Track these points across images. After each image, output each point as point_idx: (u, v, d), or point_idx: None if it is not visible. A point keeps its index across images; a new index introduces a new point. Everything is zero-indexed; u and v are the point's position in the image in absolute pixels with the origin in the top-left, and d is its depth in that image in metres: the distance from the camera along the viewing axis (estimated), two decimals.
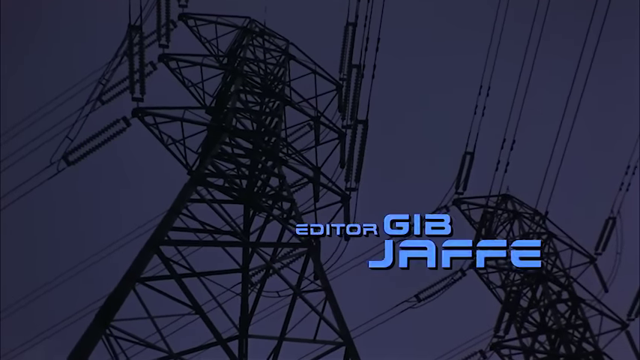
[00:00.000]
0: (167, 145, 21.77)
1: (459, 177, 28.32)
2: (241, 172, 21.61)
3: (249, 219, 21.30)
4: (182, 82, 24.03)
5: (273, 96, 24.57)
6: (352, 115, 24.47)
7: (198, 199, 18.94)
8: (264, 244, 20.01)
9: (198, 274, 17.78)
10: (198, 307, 16.58)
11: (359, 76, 23.80)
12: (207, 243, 18.31)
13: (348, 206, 23.26)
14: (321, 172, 23.73)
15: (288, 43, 27.06)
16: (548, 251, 30.71)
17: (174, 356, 16.02)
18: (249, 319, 19.43)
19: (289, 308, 18.28)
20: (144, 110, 21.20)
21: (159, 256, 16.44)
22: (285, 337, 17.91)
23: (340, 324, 17.07)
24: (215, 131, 21.89)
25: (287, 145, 24.01)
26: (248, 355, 18.76)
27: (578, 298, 28.87)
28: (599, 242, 30.37)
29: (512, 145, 25.87)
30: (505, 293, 29.78)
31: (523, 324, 28.93)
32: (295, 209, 20.63)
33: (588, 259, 30.67)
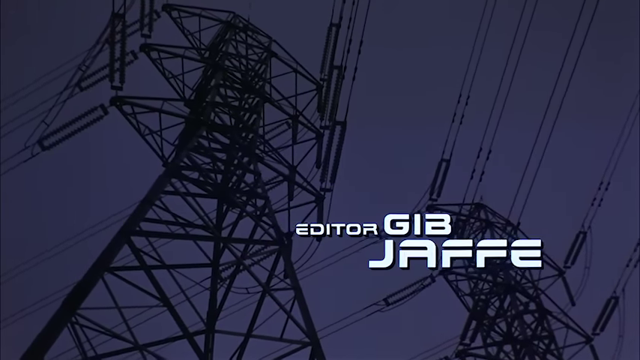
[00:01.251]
0: (144, 136, 21.66)
1: (433, 183, 28.43)
2: (217, 166, 21.56)
3: (222, 214, 21.26)
4: (162, 73, 23.92)
5: (252, 92, 24.52)
6: (331, 115, 24.48)
7: (172, 192, 18.87)
8: (235, 239, 20.00)
9: (168, 266, 17.71)
10: (166, 299, 16.53)
11: (339, 77, 23.81)
12: (179, 236, 18.26)
13: (321, 207, 23.27)
14: (296, 171, 23.73)
15: (271, 41, 27.02)
16: None
17: (140, 348, 15.95)
18: (217, 314, 19.39)
19: (257, 305, 18.28)
20: (122, 99, 21.08)
21: (129, 246, 16.36)
22: (252, 334, 17.91)
23: (308, 324, 17.08)
24: (193, 124, 21.82)
25: (264, 143, 23.98)
26: (214, 350, 18.72)
27: (545, 310, 29.06)
28: (568, 256, 30.57)
29: (489, 155, 26.01)
30: (473, 301, 29.93)
31: (489, 333, 29.09)
32: (269, 207, 20.61)
33: (557, 271, 30.88)
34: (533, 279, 30.42)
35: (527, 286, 30.06)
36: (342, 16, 23.94)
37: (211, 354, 18.50)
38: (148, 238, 17.51)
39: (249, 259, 21.48)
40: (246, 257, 20.17)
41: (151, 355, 16.14)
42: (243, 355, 17.83)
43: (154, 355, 16.28)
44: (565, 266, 30.81)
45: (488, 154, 25.99)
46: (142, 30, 23.61)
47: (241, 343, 17.90)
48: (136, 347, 15.96)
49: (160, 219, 18.04)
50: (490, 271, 30.28)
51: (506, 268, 30.08)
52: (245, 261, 19.35)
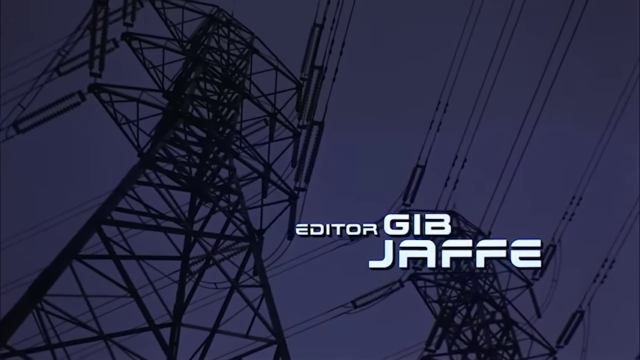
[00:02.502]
0: (120, 125, 21.53)
1: (407, 189, 28.50)
2: (192, 159, 21.49)
3: (194, 208, 21.19)
4: (142, 63, 23.79)
5: (232, 87, 24.46)
6: (309, 115, 24.48)
7: (146, 182, 18.79)
8: (207, 234, 19.94)
9: (138, 257, 17.62)
10: (133, 290, 16.47)
11: (320, 77, 23.81)
12: (150, 227, 18.18)
13: (294, 206, 23.25)
14: (271, 169, 23.71)
15: (253, 37, 26.97)
16: (487, 271, 31.03)
17: (105, 337, 15.88)
18: (184, 307, 19.32)
19: (225, 301, 18.24)
20: (100, 86, 20.94)
21: (99, 235, 16.28)
22: (218, 330, 17.88)
23: (274, 322, 17.10)
24: (170, 116, 21.72)
25: (241, 138, 23.94)
26: (179, 344, 18.65)
27: (511, 321, 29.22)
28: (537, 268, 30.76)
29: (464, 164, 26.11)
30: (441, 308, 30.04)
31: (455, 340, 29.20)
32: (242, 203, 20.58)
33: (525, 283, 31.06)
34: (501, 289, 30.57)
35: (495, 296, 30.21)
36: (325, 17, 23.96)
37: (176, 347, 18.42)
38: (119, 228, 17.43)
39: (220, 255, 21.46)
40: (217, 252, 20.12)
41: (115, 346, 16.08)
42: (209, 351, 17.80)
43: (119, 346, 16.22)
44: (533, 278, 30.99)
45: (464, 162, 26.09)
46: (125, 18, 23.49)
47: (207, 338, 17.86)
48: (100, 337, 15.90)
49: (132, 209, 17.95)
50: (459, 279, 30.41)
51: (474, 276, 30.23)
52: (215, 256, 19.31)
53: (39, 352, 15.16)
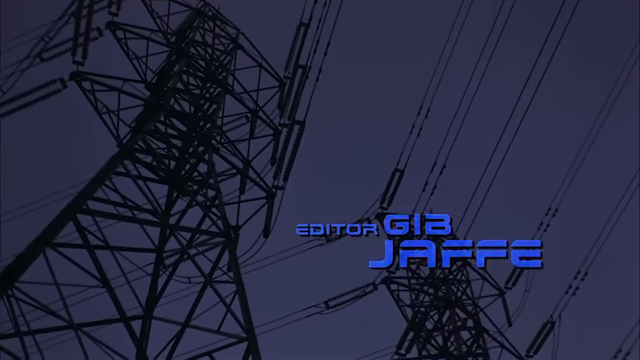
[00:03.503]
0: (101, 114, 21.41)
1: (385, 192, 28.55)
2: (171, 152, 21.42)
3: (171, 201, 21.13)
4: (126, 54, 23.67)
5: (215, 82, 24.40)
6: (291, 114, 24.48)
7: (124, 173, 18.70)
8: (182, 228, 19.85)
9: (112, 247, 17.53)
10: (106, 280, 16.37)
11: (303, 76, 23.81)
12: (126, 218, 18.09)
13: (272, 204, 23.23)
14: (250, 165, 23.67)
15: (239, 33, 26.91)
16: (460, 278, 31.13)
17: (75, 327, 15.78)
18: (157, 300, 19.25)
19: (198, 296, 18.18)
20: (82, 74, 20.82)
21: (74, 223, 16.18)
22: (190, 324, 17.80)
23: (246, 319, 17.07)
24: (151, 108, 21.64)
25: (221, 134, 23.88)
26: (150, 336, 18.58)
27: (482, 328, 29.33)
28: (510, 277, 30.90)
29: (442, 170, 26.18)
30: (413, 313, 30.10)
31: (425, 345, 29.27)
32: (219, 198, 20.53)
33: (498, 291, 31.18)
34: (474, 296, 30.68)
35: (467, 303, 30.31)
36: (312, 17, 23.98)
37: (147, 340, 18.35)
38: (94, 218, 17.33)
39: (194, 249, 21.41)
40: (192, 246, 20.07)
41: (85, 336, 15.99)
42: (179, 345, 17.73)
43: (88, 336, 16.13)
44: (506, 287, 31.13)
45: (442, 168, 26.18)
46: (110, 7, 23.35)
47: (178, 332, 17.80)
48: (70, 326, 15.79)
49: (109, 199, 17.86)
50: (432, 285, 30.49)
51: (448, 282, 30.32)
52: (190, 250, 19.25)
53: (7, 339, 15.06)
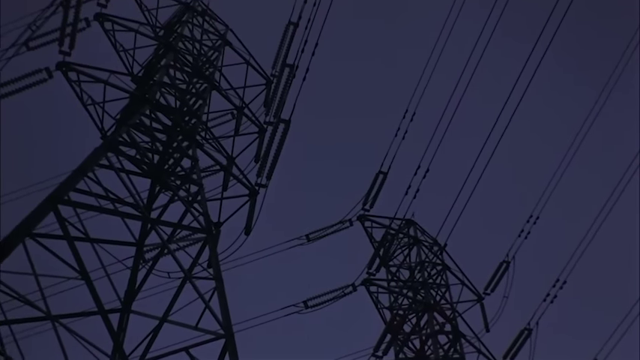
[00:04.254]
0: (86, 105, 21.33)
1: (368, 194, 28.60)
2: (155, 146, 21.34)
3: (154, 195, 21.06)
4: (113, 46, 23.59)
5: (201, 78, 24.34)
6: (276, 112, 24.47)
7: (107, 165, 18.62)
8: (164, 222, 19.79)
9: (93, 240, 17.45)
10: (85, 273, 16.28)
11: (291, 75, 23.82)
12: (108, 211, 17.99)
13: (254, 201, 23.20)
14: (234, 162, 23.63)
15: (227, 29, 26.88)
16: (440, 282, 31.20)
17: (52, 318, 15.69)
18: (135, 294, 19.18)
19: (177, 291, 18.12)
20: (69, 65, 20.73)
21: (55, 214, 16.09)
22: (167, 319, 17.73)
23: (224, 316, 17.01)
24: (137, 101, 21.56)
25: (206, 130, 23.82)
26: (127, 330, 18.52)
27: (460, 333, 29.40)
28: (489, 283, 31.02)
29: (426, 174, 26.24)
30: (391, 315, 30.14)
31: (403, 348, 29.31)
32: (202, 194, 20.46)
33: (476, 297, 31.30)
34: (452, 301, 30.77)
35: (446, 307, 30.38)
36: (301, 16, 23.96)
37: (124, 334, 18.29)
38: (76, 209, 17.25)
39: (175, 244, 21.34)
40: (172, 241, 20.00)
41: (62, 327, 15.91)
42: (156, 340, 17.68)
43: (65, 328, 16.04)
44: (484, 293, 31.25)
45: (426, 173, 26.23)
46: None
47: (156, 326, 17.73)
48: (48, 317, 15.70)
49: (91, 191, 17.78)
50: (411, 288, 30.54)
51: (427, 286, 30.36)
52: (170, 245, 19.20)
53: None
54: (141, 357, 17.52)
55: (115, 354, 17.23)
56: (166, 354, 17.17)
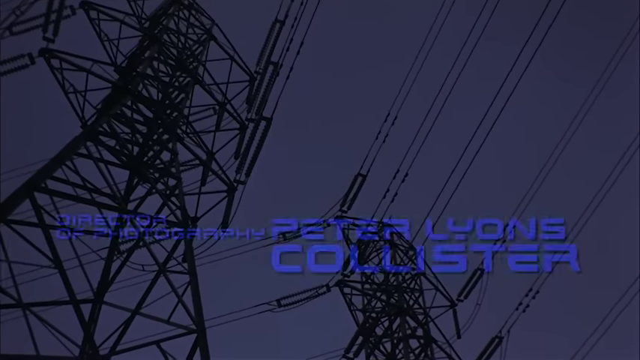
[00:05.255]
0: (67, 93, 21.19)
1: (346, 195, 28.59)
2: (135, 138, 21.26)
3: (131, 187, 20.97)
4: (98, 35, 23.45)
5: (185, 71, 24.29)
6: (258, 110, 24.47)
7: (86, 155, 18.54)
8: (141, 214, 19.73)
9: (68, 228, 17.34)
10: (58, 261, 16.21)
11: (274, 73, 23.84)
12: (84, 200, 17.91)
13: (232, 198, 23.18)
14: (214, 157, 23.60)
15: (213, 24, 26.81)
16: (414, 287, 31.24)
17: (23, 306, 15.60)
18: (108, 285, 19.08)
19: (150, 284, 18.07)
20: (52, 52, 20.62)
21: (31, 201, 16.01)
22: (140, 312, 17.68)
23: (197, 311, 17.01)
24: (119, 92, 21.45)
25: (187, 124, 23.78)
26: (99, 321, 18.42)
27: (431, 338, 29.44)
28: (462, 289, 31.07)
29: (405, 178, 26.28)
30: (364, 317, 30.14)
31: (374, 351, 29.34)
32: (180, 188, 20.44)
33: (449, 303, 31.35)
34: (425, 306, 30.80)
35: (419, 312, 30.42)
36: (287, 14, 24.00)
37: (95, 325, 18.19)
38: (52, 197, 17.16)
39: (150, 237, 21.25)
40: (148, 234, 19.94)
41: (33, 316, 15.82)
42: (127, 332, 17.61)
43: (36, 316, 15.96)
44: (458, 299, 31.30)
45: (405, 176, 26.27)
46: None
47: (127, 319, 17.67)
48: (19, 305, 15.61)
49: (68, 180, 17.68)
50: (385, 291, 30.57)
51: (401, 290, 30.42)
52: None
53: None
54: (111, 349, 17.46)
55: (85, 344, 17.14)
56: (137, 347, 17.13)
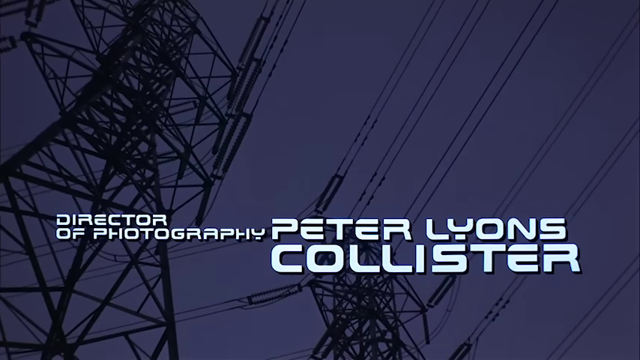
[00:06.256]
0: (47, 79, 21.07)
1: (322, 196, 28.57)
2: (114, 128, 21.17)
3: (107, 176, 20.88)
4: (81, 22, 23.30)
5: (167, 63, 24.21)
6: (239, 106, 24.43)
7: (63, 142, 18.44)
8: (115, 204, 19.65)
9: (41, 215, 17.23)
10: (30, 247, 16.12)
11: (257, 70, 23.83)
12: (59, 187, 17.83)
13: (208, 192, 23.13)
14: (192, 151, 23.54)
15: (198, 17, 26.74)
16: (385, 290, 31.31)
17: None
18: (79, 274, 18.98)
19: (121, 275, 18.01)
20: (34, 36, 20.49)
21: (5, 186, 15.91)
22: (109, 302, 17.62)
23: (167, 304, 16.99)
24: (100, 80, 21.35)
25: (167, 116, 23.70)
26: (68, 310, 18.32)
27: (400, 342, 29.53)
28: (433, 295, 31.15)
29: (381, 182, 26.30)
30: (334, 318, 30.17)
31: (342, 353, 29.37)
32: (156, 180, 20.40)
33: (420, 308, 31.41)
34: (396, 310, 30.87)
35: (389, 316, 30.49)
36: (273, 12, 24.00)
37: (64, 313, 18.09)
38: (27, 183, 17.04)
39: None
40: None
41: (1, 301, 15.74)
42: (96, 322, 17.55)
43: (4, 302, 15.88)
44: (428, 304, 31.37)
45: (382, 180, 26.30)
46: None
47: (97, 308, 17.61)
48: None
49: (44, 166, 17.57)
50: (356, 293, 30.62)
51: (372, 293, 30.48)
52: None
53: None
54: (79, 338, 17.39)
55: (52, 332, 17.06)
56: (105, 337, 17.08)
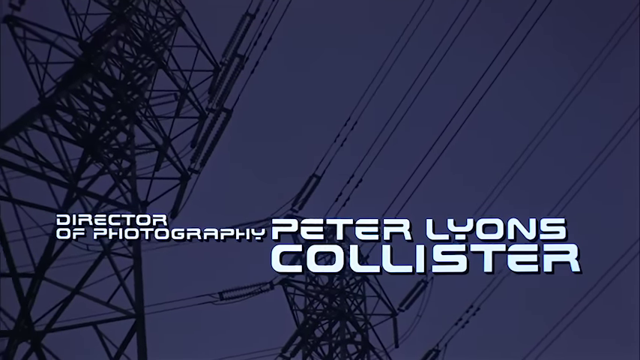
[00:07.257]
0: (28, 64, 20.92)
1: (299, 195, 28.57)
2: (93, 116, 21.07)
3: (84, 165, 20.78)
4: (65, 8, 23.18)
5: (150, 54, 24.14)
6: (220, 101, 24.42)
7: (40, 127, 18.33)
8: (90, 193, 19.57)
9: (15, 200, 17.11)
10: (1, 232, 16.01)
11: (239, 66, 23.83)
12: (34, 173, 17.73)
13: (185, 186, 23.10)
14: (170, 144, 23.48)
15: (183, 10, 26.67)
16: (357, 292, 31.34)
17: None
18: (51, 262, 18.87)
19: (93, 265, 17.94)
20: (16, 20, 20.37)
21: None
22: (79, 292, 17.55)
23: (138, 296, 16.96)
24: (81, 68, 21.25)
25: (147, 107, 23.62)
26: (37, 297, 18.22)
27: (369, 345, 29.59)
28: (405, 300, 31.23)
29: (358, 184, 26.33)
30: (304, 318, 30.18)
31: (311, 353, 29.38)
32: (133, 171, 20.34)
33: (390, 311, 31.48)
34: (367, 312, 30.92)
35: (359, 318, 30.54)
36: (259, 8, 24.01)
37: (33, 299, 17.98)
38: (1, 167, 16.93)
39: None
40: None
41: None
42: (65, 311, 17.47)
43: None
44: (399, 309, 31.45)
45: (359, 182, 26.33)
46: None
47: (66, 297, 17.53)
48: None
49: (20, 151, 17.46)
50: (328, 294, 30.64)
51: (344, 294, 30.51)
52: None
53: None
54: (47, 326, 17.29)
55: (20, 319, 16.96)
56: (74, 326, 17.00)
